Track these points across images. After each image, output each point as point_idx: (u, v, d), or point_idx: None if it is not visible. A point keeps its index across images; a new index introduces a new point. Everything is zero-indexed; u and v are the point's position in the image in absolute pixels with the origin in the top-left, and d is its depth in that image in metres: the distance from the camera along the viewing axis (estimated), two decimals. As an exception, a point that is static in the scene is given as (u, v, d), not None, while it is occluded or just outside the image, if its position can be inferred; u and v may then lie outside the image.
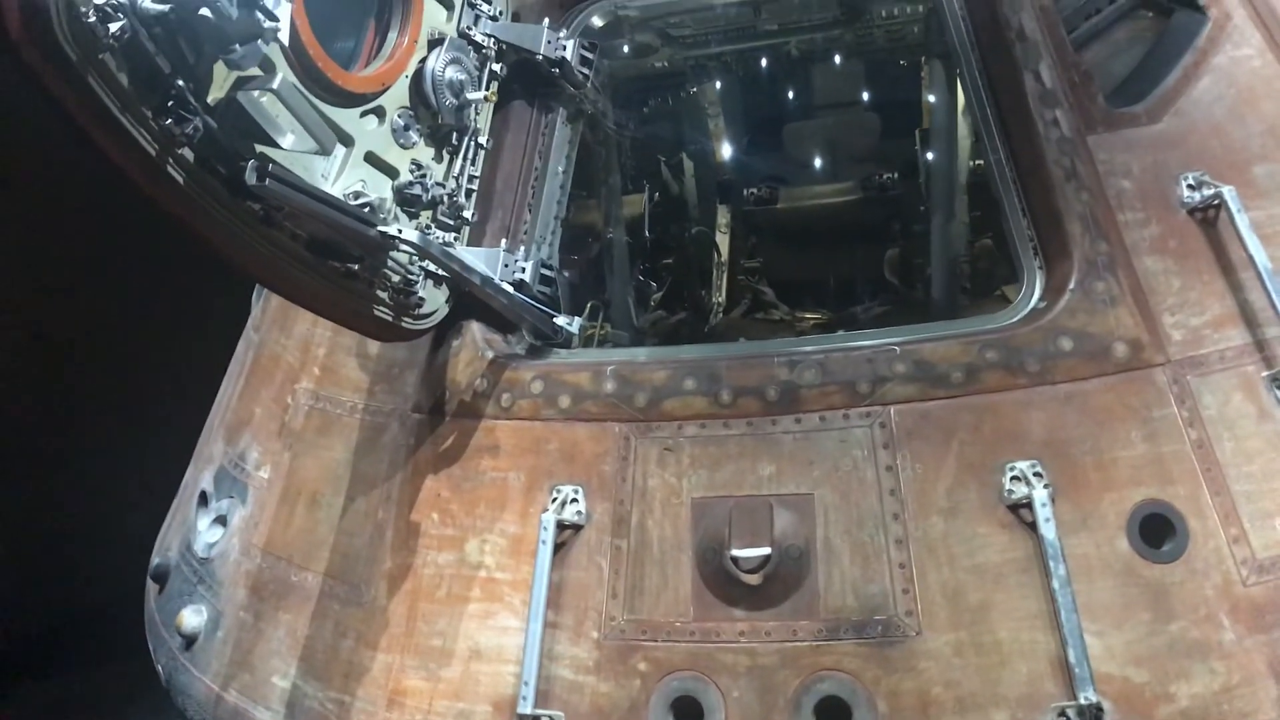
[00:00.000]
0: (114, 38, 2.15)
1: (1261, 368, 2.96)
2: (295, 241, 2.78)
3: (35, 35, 2.07)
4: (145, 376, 6.47)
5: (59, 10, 2.07)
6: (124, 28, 2.16)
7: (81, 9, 2.10)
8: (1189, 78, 3.28)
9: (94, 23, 2.12)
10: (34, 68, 2.13)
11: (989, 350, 2.95)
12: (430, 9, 3.28)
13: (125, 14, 2.16)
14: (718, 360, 3.15)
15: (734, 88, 6.34)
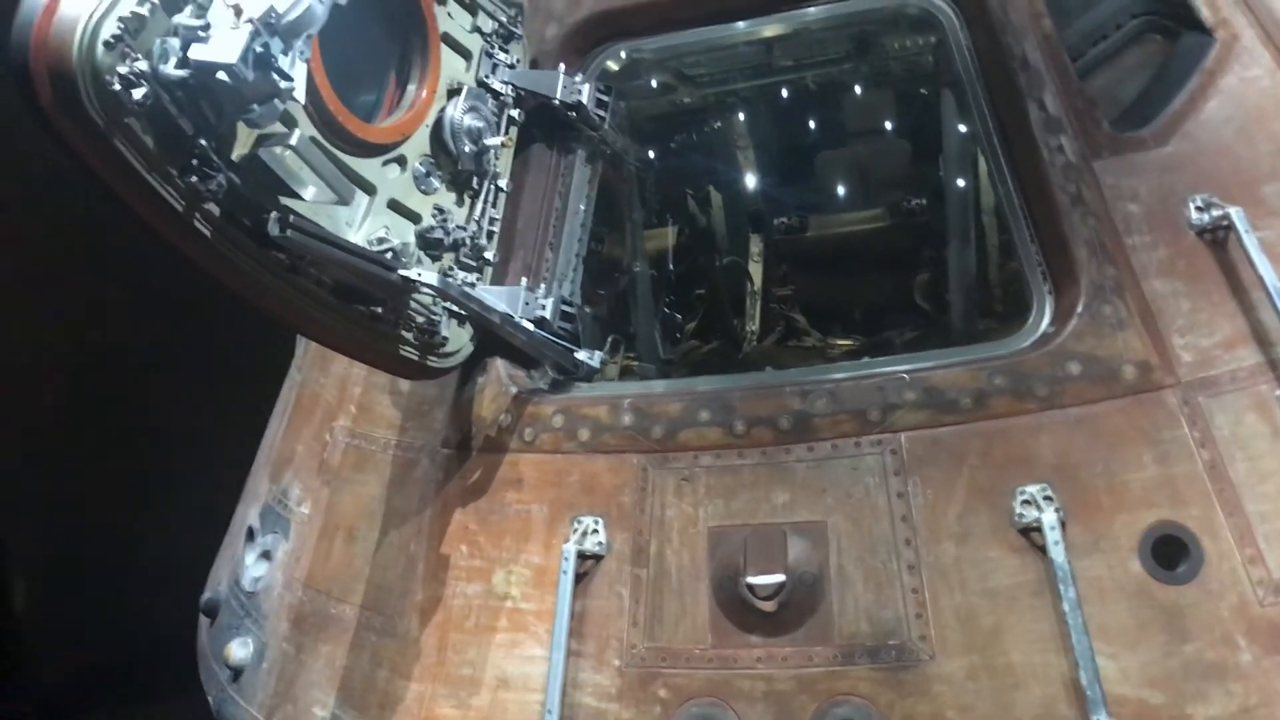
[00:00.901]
0: (138, 103, 2.28)
1: (1274, 387, 2.95)
2: (321, 287, 2.90)
3: (63, 103, 2.21)
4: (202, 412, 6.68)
5: (85, 79, 2.20)
6: (147, 94, 2.29)
7: (106, 77, 2.23)
8: (1196, 100, 3.30)
9: (118, 90, 2.25)
10: (63, 133, 2.26)
11: (998, 376, 2.99)
12: (449, 60, 3.41)
13: (148, 80, 2.29)
14: (731, 391, 3.22)
15: (760, 120, 6.41)
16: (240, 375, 5.88)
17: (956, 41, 3.49)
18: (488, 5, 3.56)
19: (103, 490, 6.33)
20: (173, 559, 5.28)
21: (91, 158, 2.32)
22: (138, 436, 6.47)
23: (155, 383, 6.57)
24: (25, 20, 2.19)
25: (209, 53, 2.32)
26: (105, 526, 6.37)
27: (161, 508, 6.45)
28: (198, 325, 6.07)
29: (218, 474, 5.09)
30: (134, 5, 2.26)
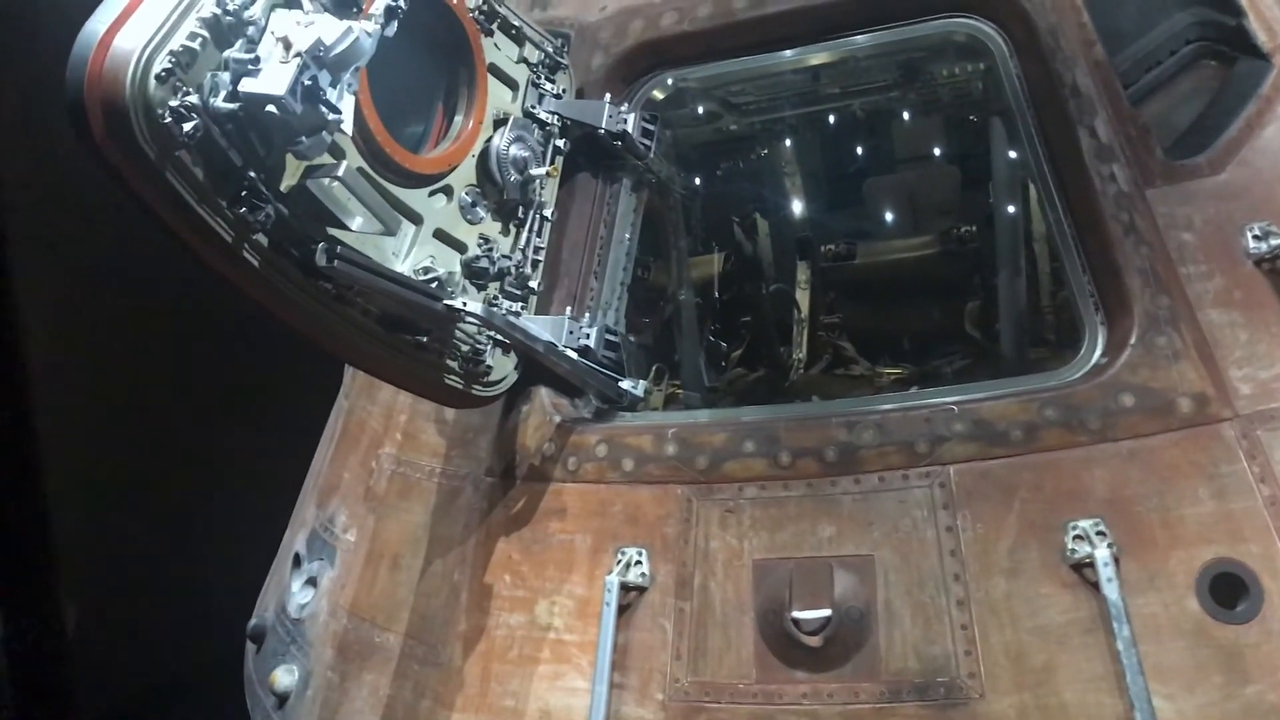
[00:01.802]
0: (188, 136, 2.32)
1: (1336, 421, 2.88)
2: (367, 317, 2.92)
3: (116, 137, 2.25)
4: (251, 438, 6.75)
5: (137, 113, 2.24)
6: (197, 126, 2.33)
7: (158, 111, 2.27)
8: (1253, 126, 3.24)
9: (170, 123, 2.29)
10: (116, 166, 2.31)
11: (1049, 408, 2.94)
12: (495, 91, 3.44)
13: (198, 114, 2.33)
14: (776, 422, 3.19)
15: (806, 146, 6.40)
16: (288, 401, 5.94)
17: (1006, 69, 3.45)
18: (534, 36, 3.58)
19: (152, 517, 6.42)
20: (221, 585, 5.32)
21: (143, 189, 2.36)
22: (187, 463, 6.55)
23: (204, 409, 6.66)
24: (80, 55, 2.24)
25: (258, 86, 2.36)
26: (154, 553, 6.45)
27: (210, 533, 6.52)
28: (246, 351, 6.14)
29: (266, 500, 5.13)
30: (185, 39, 2.31)
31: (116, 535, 6.37)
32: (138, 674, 6.36)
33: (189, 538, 6.49)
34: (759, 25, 3.66)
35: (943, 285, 5.99)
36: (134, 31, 2.26)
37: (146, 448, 6.39)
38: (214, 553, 6.28)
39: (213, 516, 6.56)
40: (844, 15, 3.61)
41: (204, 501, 6.59)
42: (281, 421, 5.98)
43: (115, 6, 2.28)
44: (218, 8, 2.36)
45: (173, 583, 6.40)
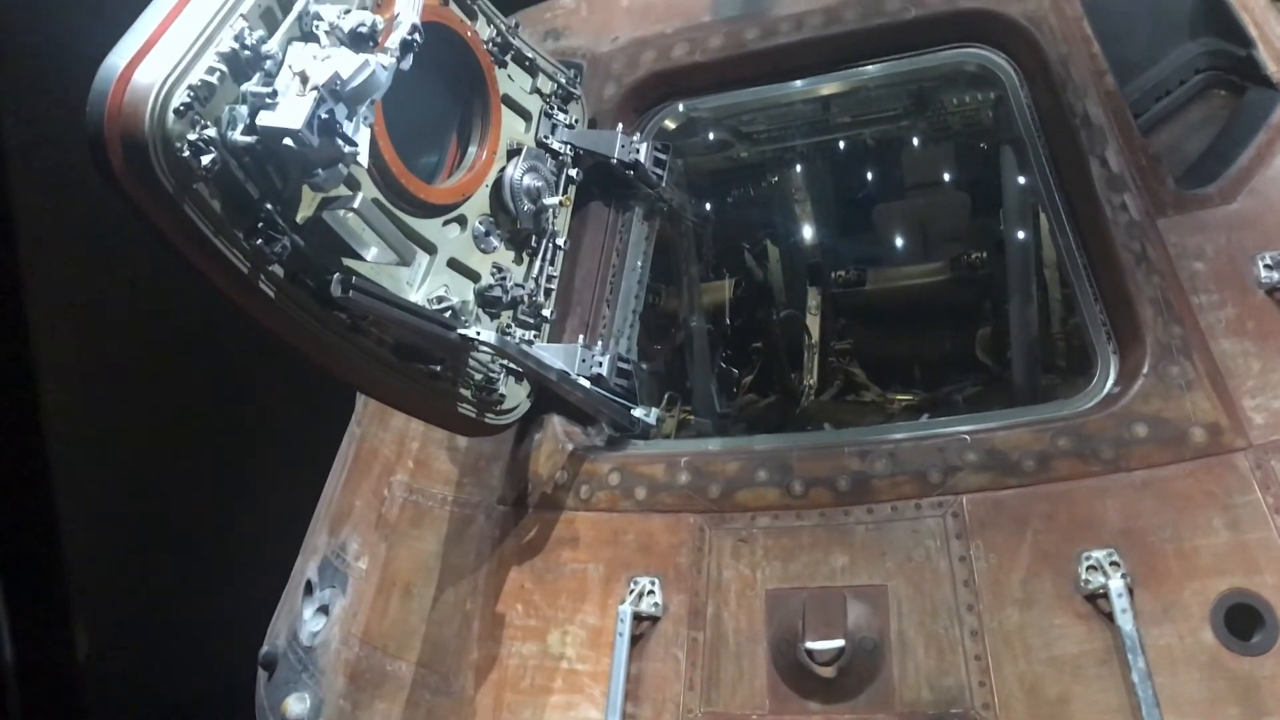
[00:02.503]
0: (206, 169, 2.35)
1: (1351, 451, 2.87)
2: (381, 346, 2.94)
3: (135, 170, 2.28)
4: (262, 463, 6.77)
5: (156, 147, 2.27)
6: (215, 159, 2.36)
7: (176, 144, 2.30)
8: (1264, 155, 3.24)
9: (188, 156, 2.32)
10: (134, 198, 2.33)
11: (1061, 438, 2.94)
12: (509, 121, 3.47)
13: (216, 147, 2.36)
14: (789, 451, 3.20)
15: (817, 172, 6.43)
16: (299, 427, 5.95)
17: (1017, 98, 3.47)
18: (547, 67, 3.61)
19: (164, 542, 6.43)
20: (232, 611, 5.32)
21: (161, 221, 2.39)
22: (198, 488, 6.56)
23: (216, 434, 6.68)
24: (100, 89, 2.27)
25: (275, 119, 2.38)
26: (166, 579, 6.46)
27: (221, 560, 6.52)
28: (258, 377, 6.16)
29: (277, 526, 5.13)
30: (204, 74, 2.34)
31: (128, 561, 6.38)
32: (149, 701, 6.34)
33: (200, 564, 6.50)
34: (770, 56, 3.69)
35: (953, 311, 6.00)
36: (154, 66, 2.29)
37: (159, 474, 6.41)
38: (225, 579, 6.28)
39: (224, 542, 6.56)
40: (854, 46, 3.64)
41: (214, 527, 6.59)
42: (293, 447, 5.99)
43: (135, 41, 2.32)
44: (236, 42, 2.39)
45: (184, 609, 6.40)
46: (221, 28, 2.39)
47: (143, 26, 2.34)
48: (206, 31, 2.36)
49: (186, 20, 2.36)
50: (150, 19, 2.35)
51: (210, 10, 2.39)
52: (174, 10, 2.37)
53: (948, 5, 3.51)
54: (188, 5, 2.38)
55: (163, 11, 2.36)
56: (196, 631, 6.18)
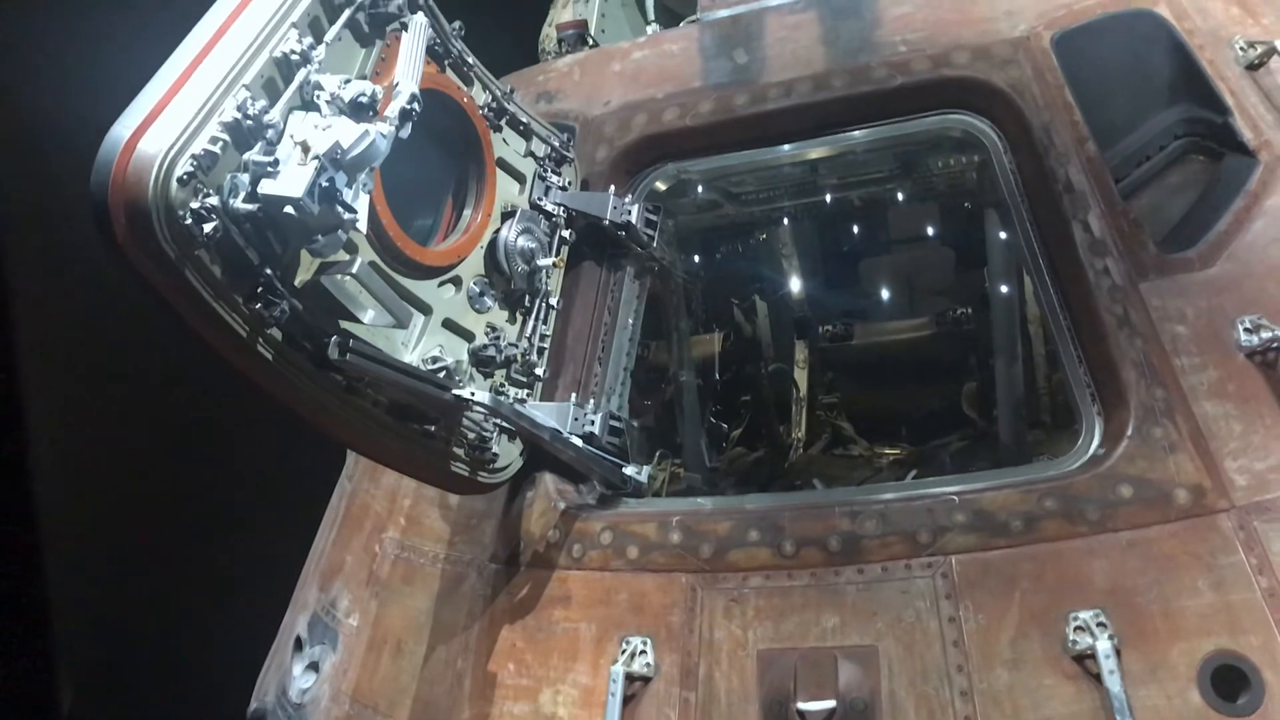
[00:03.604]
0: (208, 236, 2.39)
1: (1331, 512, 2.91)
2: (376, 406, 2.97)
3: (138, 238, 2.32)
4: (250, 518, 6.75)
5: (159, 215, 2.31)
6: (217, 227, 2.40)
7: (179, 213, 2.34)
8: (1241, 221, 3.31)
9: (190, 224, 2.36)
10: (136, 265, 2.37)
11: (1048, 498, 2.98)
12: (504, 184, 3.53)
13: (218, 215, 2.40)
14: (780, 510, 3.23)
15: (804, 229, 6.52)
16: (289, 479, 5.95)
17: (1000, 164, 3.55)
18: (541, 131, 3.68)
19: (150, 594, 6.40)
20: (220, 666, 5.29)
21: (162, 288, 2.42)
22: (186, 542, 6.54)
23: (203, 488, 6.67)
24: (106, 160, 2.32)
25: (277, 187, 2.43)
26: (152, 631, 6.42)
27: (210, 613, 6.49)
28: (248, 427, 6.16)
29: (266, 579, 5.12)
30: (207, 143, 2.38)
31: (113, 614, 6.34)
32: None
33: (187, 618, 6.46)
34: (759, 121, 3.77)
35: (939, 366, 6.07)
36: (158, 136, 2.33)
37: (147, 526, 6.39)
38: (212, 633, 6.24)
39: (211, 596, 6.53)
40: (842, 112, 3.73)
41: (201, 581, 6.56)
42: (283, 500, 5.99)
43: (140, 111, 2.36)
44: (239, 111, 2.44)
45: (170, 664, 6.36)
46: (225, 97, 2.44)
47: (148, 96, 2.39)
48: (210, 101, 2.41)
49: (191, 90, 2.41)
50: (155, 89, 2.40)
51: (214, 80, 2.44)
52: (179, 80, 2.42)
53: (932, 73, 3.60)
54: (192, 75, 2.44)
55: (167, 82, 2.41)
56: (183, 686, 6.14)
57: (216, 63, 2.47)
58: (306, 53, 2.62)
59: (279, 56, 2.57)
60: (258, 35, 2.54)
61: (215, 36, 2.51)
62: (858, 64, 3.70)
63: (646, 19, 4.88)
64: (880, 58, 3.69)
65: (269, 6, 2.59)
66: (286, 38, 2.60)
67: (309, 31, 2.68)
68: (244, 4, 2.58)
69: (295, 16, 2.63)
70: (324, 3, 2.74)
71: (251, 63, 2.51)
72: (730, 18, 4.06)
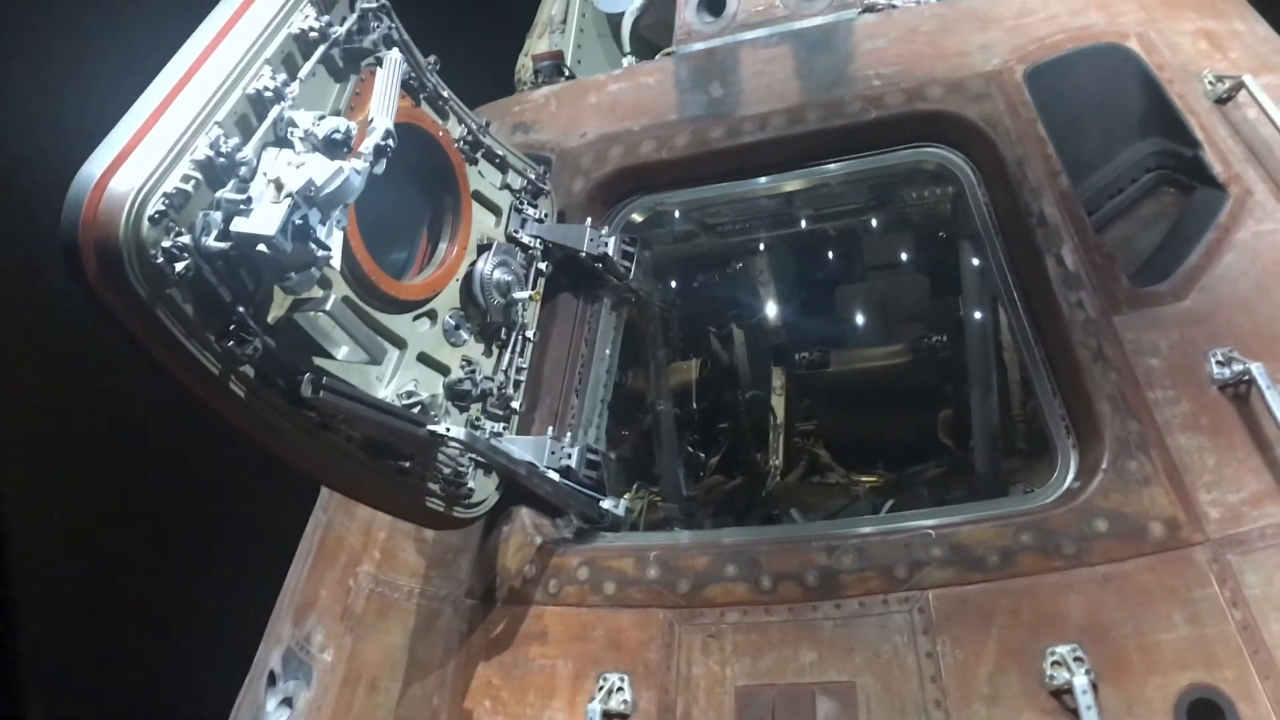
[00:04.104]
0: (180, 274, 2.36)
1: (1304, 544, 2.93)
2: (350, 443, 2.94)
3: (109, 278, 2.29)
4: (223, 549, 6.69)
5: (130, 254, 2.29)
6: (189, 266, 2.38)
7: (150, 252, 2.32)
8: (1212, 254, 3.34)
9: (161, 263, 2.33)
10: (107, 305, 2.34)
11: (1024, 533, 2.98)
12: (480, 217, 3.52)
13: (190, 253, 2.38)
14: (757, 545, 3.22)
15: (780, 256, 6.54)
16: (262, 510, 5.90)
17: (974, 197, 3.58)
18: (517, 163, 3.68)
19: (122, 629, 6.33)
20: (192, 700, 5.23)
21: (133, 327, 2.40)
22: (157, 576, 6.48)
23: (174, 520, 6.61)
24: (76, 199, 2.29)
25: (250, 225, 2.41)
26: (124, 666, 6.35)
27: (182, 647, 6.42)
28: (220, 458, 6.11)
29: (239, 612, 5.07)
30: (179, 181, 2.37)
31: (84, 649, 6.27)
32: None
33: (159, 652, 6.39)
34: (734, 154, 3.79)
35: (915, 393, 6.08)
36: (129, 174, 2.31)
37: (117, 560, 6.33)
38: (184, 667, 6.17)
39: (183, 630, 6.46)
40: (816, 145, 3.75)
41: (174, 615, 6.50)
42: (256, 531, 5.93)
43: (111, 150, 2.34)
44: (211, 149, 2.42)
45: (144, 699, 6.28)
46: (197, 135, 2.42)
47: (119, 134, 2.37)
48: (183, 139, 2.39)
49: (163, 128, 2.40)
50: (127, 127, 2.38)
51: (187, 118, 2.42)
52: (151, 118, 2.40)
53: (906, 107, 3.63)
54: (165, 113, 2.42)
55: (139, 119, 2.39)
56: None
57: (189, 100, 2.45)
58: (280, 89, 2.61)
59: (252, 93, 2.56)
60: (231, 72, 2.53)
61: (188, 74, 2.49)
62: (832, 98, 3.73)
63: (622, 51, 4.89)
64: (854, 91, 3.71)
65: (243, 43, 2.58)
66: (260, 74, 2.59)
67: (283, 68, 2.67)
68: (217, 41, 2.57)
69: (269, 53, 2.63)
70: (298, 39, 2.73)
71: (225, 100, 2.50)
72: (705, 51, 4.09)
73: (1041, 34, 3.72)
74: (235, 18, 2.62)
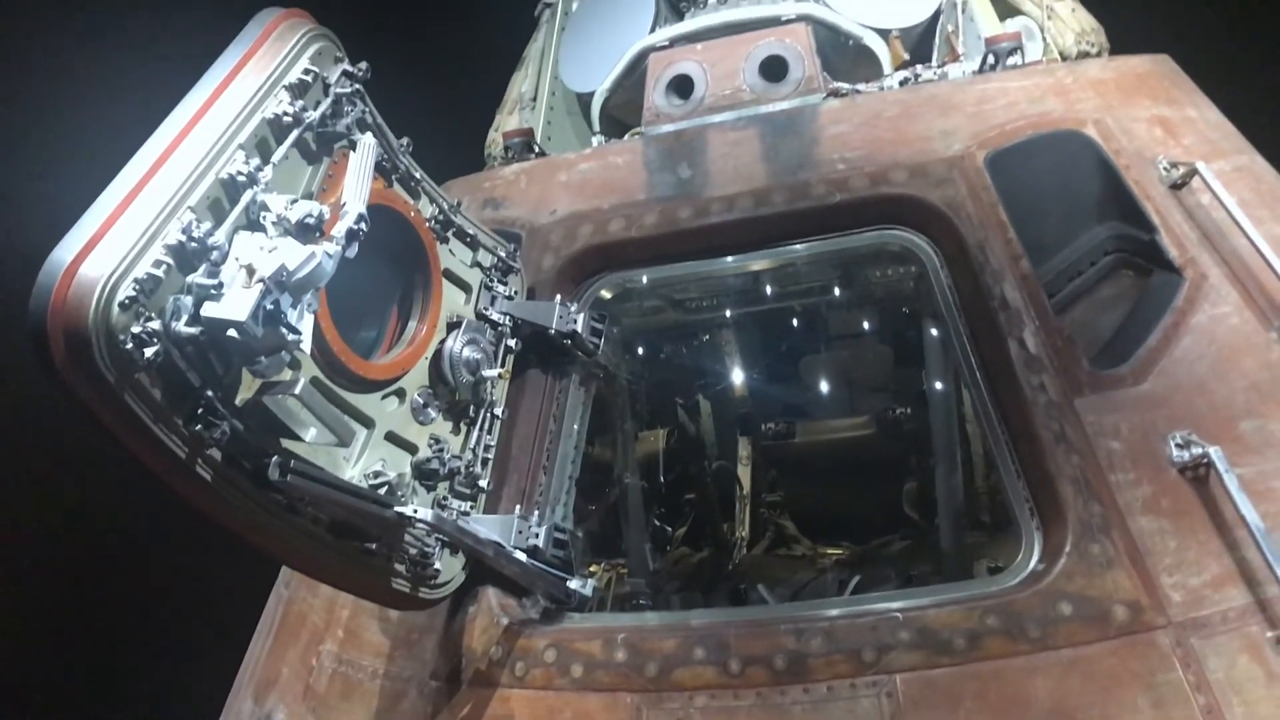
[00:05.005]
0: (149, 360, 2.35)
1: (1265, 628, 2.95)
2: (317, 524, 2.91)
3: (77, 363, 2.27)
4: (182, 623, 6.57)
5: (99, 340, 2.27)
6: (158, 351, 2.36)
7: (120, 337, 2.30)
8: (1170, 338, 3.41)
9: (130, 349, 2.32)
10: (73, 389, 2.32)
11: (990, 616, 3.00)
12: (450, 294, 3.53)
13: (159, 339, 2.37)
14: (726, 628, 3.21)
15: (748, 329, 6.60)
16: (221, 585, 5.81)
17: (937, 278, 3.64)
18: (488, 241, 3.71)
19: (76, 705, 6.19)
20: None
21: (100, 411, 2.37)
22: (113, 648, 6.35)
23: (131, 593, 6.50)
24: (46, 283, 2.28)
25: (220, 310, 2.40)
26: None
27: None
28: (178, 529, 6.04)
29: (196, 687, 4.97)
30: (150, 266, 2.36)
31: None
32: None
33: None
34: (702, 234, 3.84)
35: (880, 465, 6.12)
36: (100, 260, 2.31)
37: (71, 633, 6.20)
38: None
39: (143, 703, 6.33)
40: (782, 227, 3.81)
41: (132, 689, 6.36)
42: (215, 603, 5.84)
43: (83, 234, 2.34)
44: (183, 234, 2.42)
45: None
46: (169, 221, 2.42)
47: (91, 220, 2.36)
48: (155, 224, 2.39)
49: (135, 213, 2.40)
50: (99, 212, 2.38)
51: (159, 203, 2.43)
52: (123, 203, 2.40)
53: (870, 190, 3.70)
54: (137, 198, 2.42)
55: (111, 204, 2.39)
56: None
57: (162, 185, 2.46)
58: (254, 174, 2.62)
59: (226, 178, 2.57)
60: (205, 157, 2.54)
61: (161, 158, 2.50)
62: (798, 180, 3.80)
63: (592, 129, 4.97)
64: (820, 175, 3.78)
65: (217, 128, 2.60)
66: (234, 159, 2.60)
67: (256, 152, 2.68)
68: (191, 125, 2.58)
69: (242, 138, 2.64)
70: (271, 124, 2.75)
71: (198, 184, 2.51)
72: (674, 133, 4.16)
73: (1001, 120, 3.82)
74: (210, 102, 2.64)
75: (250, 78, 2.72)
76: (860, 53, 4.68)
